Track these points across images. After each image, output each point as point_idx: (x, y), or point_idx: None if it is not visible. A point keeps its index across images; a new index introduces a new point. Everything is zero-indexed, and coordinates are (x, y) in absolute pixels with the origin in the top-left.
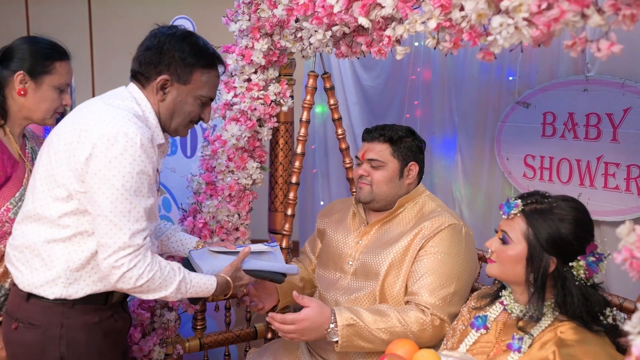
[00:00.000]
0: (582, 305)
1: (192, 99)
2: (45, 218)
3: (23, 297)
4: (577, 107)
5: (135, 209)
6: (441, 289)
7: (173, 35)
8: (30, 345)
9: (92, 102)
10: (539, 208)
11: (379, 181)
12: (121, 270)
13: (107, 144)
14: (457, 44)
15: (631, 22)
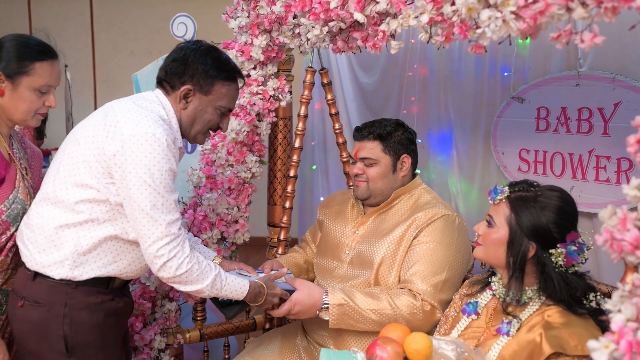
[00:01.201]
0: (564, 290)
1: (212, 108)
2: (62, 202)
3: (29, 276)
4: (569, 101)
5: (167, 201)
6: (433, 276)
7: (198, 49)
8: (35, 322)
9: (123, 102)
10: (524, 195)
11: (374, 178)
12: (162, 260)
13: (137, 143)
14: (448, 37)
15: (613, 14)
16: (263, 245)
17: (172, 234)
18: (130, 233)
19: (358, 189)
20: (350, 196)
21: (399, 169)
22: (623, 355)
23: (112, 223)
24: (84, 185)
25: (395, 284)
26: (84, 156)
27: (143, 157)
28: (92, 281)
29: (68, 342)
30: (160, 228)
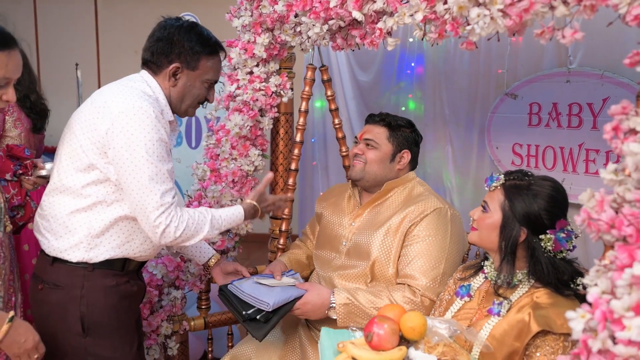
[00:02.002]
0: (552, 273)
1: (199, 83)
2: (70, 188)
3: (48, 261)
4: (560, 97)
5: (161, 171)
6: (431, 270)
7: (181, 27)
8: (54, 304)
9: (108, 85)
10: (518, 184)
11: (371, 160)
12: (160, 228)
13: (126, 118)
14: (441, 34)
15: (591, 12)
16: (264, 242)
17: (166, 203)
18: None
19: (354, 169)
20: (347, 188)
21: (397, 161)
22: (598, 323)
23: (120, 203)
24: (87, 169)
25: (394, 276)
26: (80, 141)
27: (133, 130)
28: (108, 263)
29: (85, 323)
30: (156, 198)
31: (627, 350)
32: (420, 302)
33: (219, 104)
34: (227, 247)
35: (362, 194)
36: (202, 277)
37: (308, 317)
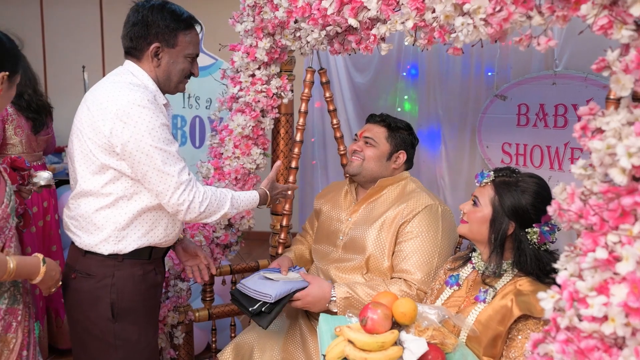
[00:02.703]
0: (534, 263)
1: (182, 58)
2: (91, 191)
3: (80, 252)
4: (546, 98)
5: (171, 154)
6: (425, 265)
7: (153, 7)
8: (86, 292)
9: (98, 85)
10: (507, 180)
11: (369, 157)
12: (185, 205)
13: (124, 115)
14: (430, 40)
15: (564, 21)
16: (265, 240)
17: (185, 181)
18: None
19: (351, 164)
20: (345, 184)
21: (393, 160)
22: (565, 302)
23: (140, 195)
24: (101, 170)
25: (389, 269)
26: (88, 146)
27: (135, 123)
28: (136, 253)
29: (114, 309)
30: (174, 179)
31: (590, 326)
32: (415, 295)
33: (223, 105)
34: (230, 242)
35: (359, 191)
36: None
37: (309, 308)
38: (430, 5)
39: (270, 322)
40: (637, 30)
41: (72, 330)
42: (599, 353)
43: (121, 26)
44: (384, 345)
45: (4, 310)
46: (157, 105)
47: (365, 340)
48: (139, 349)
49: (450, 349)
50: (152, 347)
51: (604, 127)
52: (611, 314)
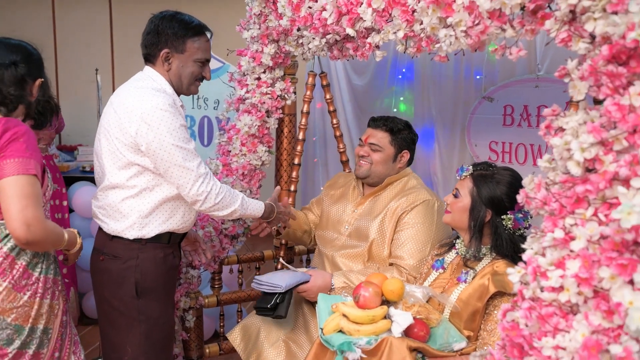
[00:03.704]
0: (510, 247)
1: (191, 62)
2: (117, 184)
3: (108, 237)
4: (530, 100)
5: (189, 151)
6: (418, 253)
7: (164, 17)
8: (113, 272)
9: (124, 89)
10: (484, 173)
11: (377, 162)
12: (203, 196)
13: (148, 117)
14: (419, 49)
15: (532, 34)
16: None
17: (202, 174)
18: (174, 189)
19: (360, 169)
20: (352, 179)
21: (398, 161)
22: (529, 276)
23: (160, 187)
24: (126, 166)
25: (388, 256)
26: (115, 145)
27: (158, 125)
28: (157, 237)
29: (138, 288)
30: (193, 173)
31: (550, 295)
32: (405, 280)
33: (230, 106)
34: (237, 233)
35: (364, 186)
36: (216, 259)
37: (312, 297)
38: (418, 17)
39: (286, 309)
40: (592, 43)
41: (99, 306)
42: (557, 318)
43: (130, 28)
44: (374, 319)
45: (51, 279)
46: (176, 108)
47: (358, 314)
48: (160, 323)
49: (434, 324)
50: (171, 323)
51: (564, 126)
52: (566, 285)
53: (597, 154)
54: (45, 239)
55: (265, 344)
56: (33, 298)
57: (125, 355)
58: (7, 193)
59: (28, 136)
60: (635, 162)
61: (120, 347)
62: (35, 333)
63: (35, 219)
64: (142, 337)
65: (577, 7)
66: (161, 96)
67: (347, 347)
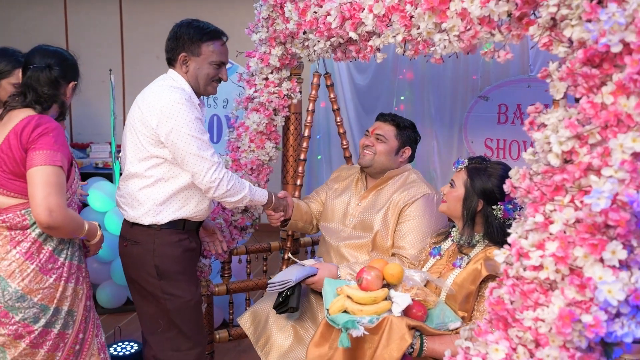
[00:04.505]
0: (500, 235)
1: (206, 65)
2: (136, 173)
3: (129, 224)
4: (523, 99)
5: (204, 141)
6: (419, 243)
7: (182, 24)
8: (135, 256)
9: (147, 88)
10: (477, 166)
11: (380, 152)
12: (216, 183)
13: (167, 111)
14: (416, 51)
15: (518, 39)
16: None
17: (216, 162)
18: (187, 179)
19: (364, 158)
20: (355, 172)
21: (400, 155)
22: (513, 257)
23: (175, 179)
24: (146, 158)
25: (391, 247)
26: (138, 138)
27: (176, 117)
28: (172, 224)
29: (158, 269)
30: (208, 161)
31: (531, 273)
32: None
33: (239, 105)
34: (246, 225)
35: (368, 180)
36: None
37: (320, 288)
38: (415, 22)
39: (297, 300)
40: (570, 47)
41: (130, 286)
42: (537, 294)
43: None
44: (376, 300)
45: (76, 266)
46: (192, 103)
47: (361, 295)
48: (184, 301)
49: (431, 305)
50: (196, 300)
51: (546, 122)
52: (545, 264)
53: (573, 146)
54: (66, 225)
55: (274, 328)
56: (58, 281)
57: (159, 328)
58: (34, 181)
59: (57, 132)
60: (606, 153)
61: (153, 320)
62: (60, 314)
63: (57, 206)
64: (170, 313)
65: (557, 15)
66: (178, 92)
67: (351, 324)
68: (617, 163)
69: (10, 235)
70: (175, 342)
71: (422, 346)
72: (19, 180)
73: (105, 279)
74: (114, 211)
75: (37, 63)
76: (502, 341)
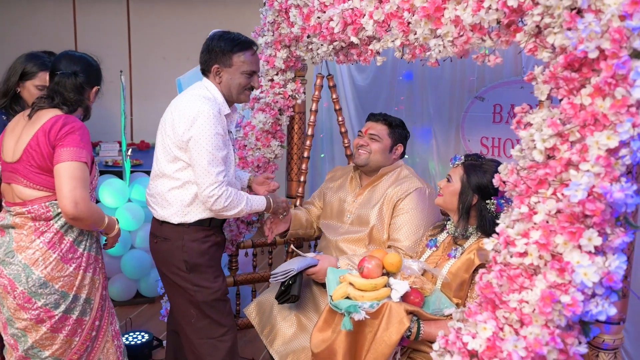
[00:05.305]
0: (492, 227)
1: (238, 75)
2: (165, 174)
3: (158, 222)
4: (516, 100)
5: (216, 157)
6: (413, 235)
7: (213, 37)
8: (164, 252)
9: (182, 95)
10: (473, 163)
11: (375, 151)
12: (214, 198)
13: (194, 121)
14: (414, 55)
15: (507, 44)
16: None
17: (219, 181)
18: None
19: (360, 157)
20: (349, 171)
21: (393, 152)
22: (501, 244)
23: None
24: (173, 160)
25: (387, 240)
26: (167, 140)
27: (198, 129)
28: (198, 222)
29: (187, 264)
30: (212, 177)
31: (517, 260)
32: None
33: (246, 105)
34: (253, 220)
35: (362, 177)
36: (233, 242)
37: (320, 279)
38: (413, 28)
39: (299, 289)
40: (553, 53)
41: (162, 279)
42: (522, 278)
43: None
44: (376, 287)
45: (93, 257)
46: (218, 118)
47: (362, 282)
48: (212, 292)
49: (428, 293)
50: (223, 290)
51: (531, 122)
52: (529, 250)
53: (555, 144)
54: (89, 217)
55: (279, 317)
56: (77, 270)
57: (192, 318)
58: (61, 175)
59: (83, 131)
60: (584, 150)
61: (187, 311)
62: (79, 301)
63: (82, 199)
64: (201, 304)
65: (541, 23)
66: (209, 104)
67: (353, 309)
68: (593, 158)
69: (34, 226)
70: (209, 330)
71: (419, 330)
72: (45, 174)
73: (115, 273)
74: (125, 207)
75: (63, 69)
76: (489, 321)
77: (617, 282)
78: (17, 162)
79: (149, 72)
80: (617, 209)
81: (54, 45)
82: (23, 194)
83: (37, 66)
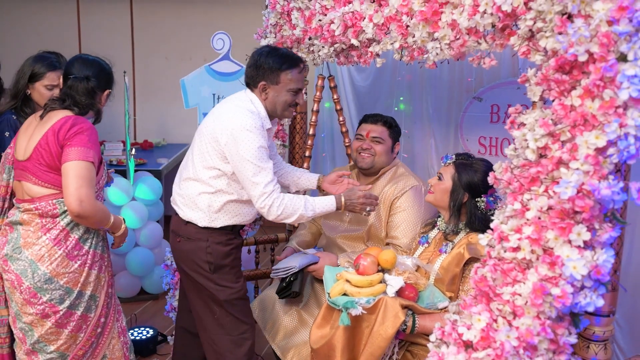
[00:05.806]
0: (482, 223)
1: (284, 92)
2: (199, 179)
3: (183, 222)
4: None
5: (263, 169)
6: (410, 232)
7: (262, 53)
8: (187, 252)
9: (225, 104)
10: (464, 162)
11: (380, 153)
12: (266, 209)
13: (238, 134)
14: (412, 57)
15: (501, 47)
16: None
17: (268, 191)
18: (244, 195)
19: (364, 161)
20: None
21: (393, 152)
22: (495, 240)
23: (232, 193)
24: (210, 167)
25: (385, 237)
26: (206, 148)
27: (243, 142)
28: (224, 227)
29: (211, 265)
30: (260, 188)
31: (510, 254)
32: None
33: None
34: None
35: (360, 177)
36: None
37: (321, 276)
38: (411, 31)
39: (300, 285)
40: (545, 56)
41: (183, 277)
42: (515, 272)
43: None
44: (372, 283)
45: (99, 254)
46: (262, 131)
47: (358, 279)
48: (234, 291)
49: (422, 288)
50: (243, 290)
51: (524, 122)
52: (522, 245)
53: (547, 143)
54: (94, 215)
55: (281, 312)
56: (82, 267)
57: (215, 314)
58: (68, 173)
59: (91, 131)
60: (574, 149)
61: (208, 308)
62: (83, 297)
63: (87, 197)
64: (223, 303)
65: (534, 27)
66: (252, 117)
67: (350, 305)
68: (583, 157)
69: (41, 223)
70: (231, 328)
71: (415, 323)
72: (53, 172)
73: (120, 270)
74: (129, 206)
75: (76, 73)
76: (484, 313)
77: (604, 275)
78: (27, 160)
79: (152, 72)
80: (605, 205)
81: (58, 46)
82: (32, 191)
83: (45, 67)
